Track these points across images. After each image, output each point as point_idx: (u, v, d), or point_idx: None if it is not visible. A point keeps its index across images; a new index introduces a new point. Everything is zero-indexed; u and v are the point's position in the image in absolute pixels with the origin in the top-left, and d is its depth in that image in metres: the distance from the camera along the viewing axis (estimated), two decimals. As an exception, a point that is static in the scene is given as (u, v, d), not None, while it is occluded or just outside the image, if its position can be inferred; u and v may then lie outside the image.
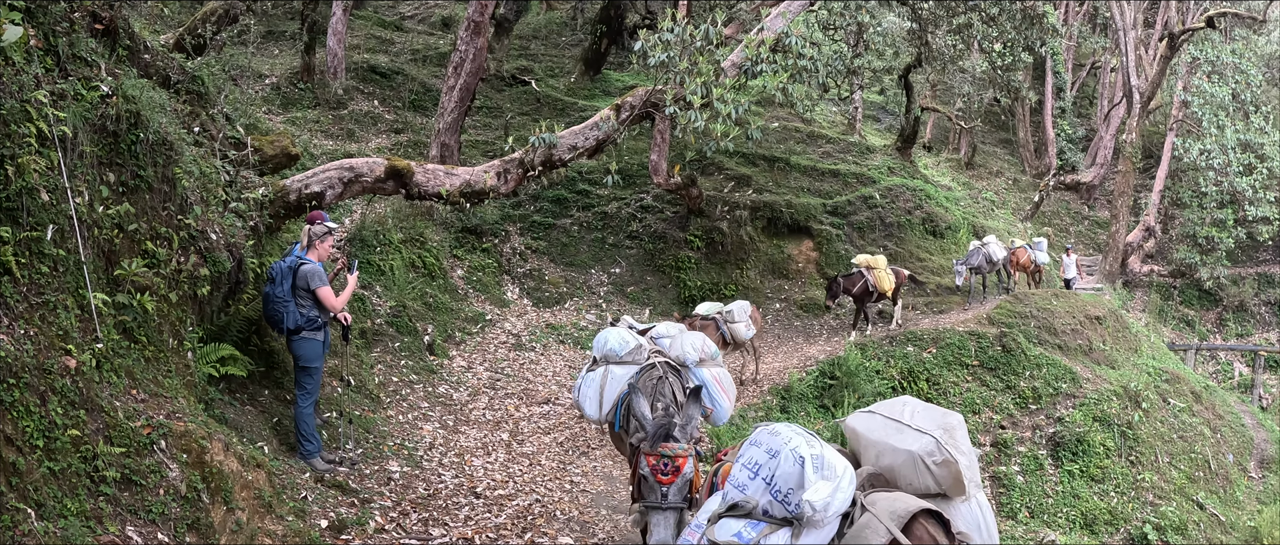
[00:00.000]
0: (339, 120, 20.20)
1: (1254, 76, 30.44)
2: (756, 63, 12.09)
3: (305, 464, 8.00)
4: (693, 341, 7.25)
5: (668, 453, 5.52)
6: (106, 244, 5.71)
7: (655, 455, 5.54)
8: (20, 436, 4.33)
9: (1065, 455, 14.23)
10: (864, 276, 16.64)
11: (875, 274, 16.67)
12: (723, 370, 7.45)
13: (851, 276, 16.82)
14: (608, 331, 7.34)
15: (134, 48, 7.25)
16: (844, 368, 13.98)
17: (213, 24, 13.13)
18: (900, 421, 4.27)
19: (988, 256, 19.15)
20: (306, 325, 8.01)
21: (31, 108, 4.99)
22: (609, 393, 6.99)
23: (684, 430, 5.72)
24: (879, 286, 16.62)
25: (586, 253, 19.10)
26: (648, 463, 5.55)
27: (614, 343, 7.18)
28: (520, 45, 29.79)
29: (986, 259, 19.14)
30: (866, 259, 16.95)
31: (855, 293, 16.75)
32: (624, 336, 7.23)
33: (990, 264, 19.29)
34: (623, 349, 7.13)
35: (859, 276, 16.71)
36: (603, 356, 7.21)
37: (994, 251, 19.32)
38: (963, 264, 18.99)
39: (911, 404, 4.47)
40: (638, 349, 7.18)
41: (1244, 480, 16.75)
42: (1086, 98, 43.79)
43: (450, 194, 11.25)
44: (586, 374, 7.29)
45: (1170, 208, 33.03)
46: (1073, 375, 15.69)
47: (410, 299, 13.54)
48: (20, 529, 4.11)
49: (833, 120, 31.17)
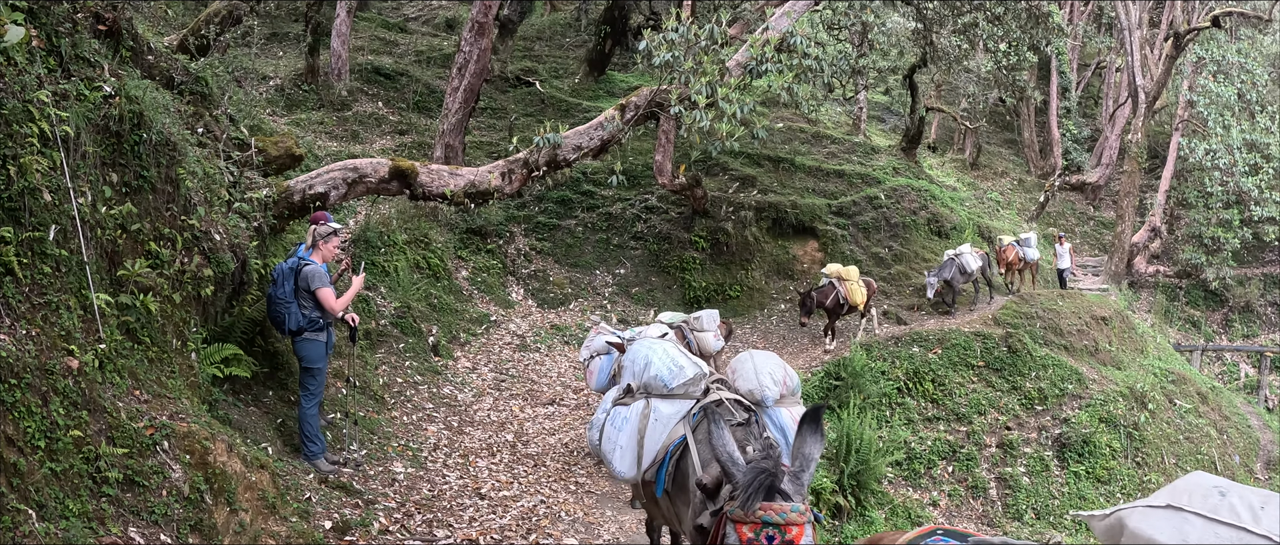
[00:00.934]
0: (343, 121, 20.21)
1: (1260, 76, 30.36)
2: (761, 62, 12.04)
3: (309, 465, 7.99)
4: (770, 370, 5.26)
5: (774, 518, 3.58)
6: (109, 244, 5.69)
7: (754, 522, 3.61)
8: (22, 437, 4.32)
9: (1071, 456, 14.18)
10: (836, 288, 16.19)
11: (847, 285, 16.15)
12: None
13: (824, 289, 16.36)
14: (650, 350, 5.50)
15: (137, 48, 7.24)
16: (849, 368, 13.94)
17: (216, 25, 13.13)
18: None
19: (961, 267, 18.25)
20: (308, 327, 8.00)
21: (34, 108, 4.98)
22: (653, 440, 5.13)
23: (798, 482, 3.76)
24: (851, 298, 16.12)
25: (591, 253, 19.07)
26: (740, 537, 3.63)
27: (660, 366, 5.31)
28: (524, 46, 29.80)
29: (960, 270, 18.24)
30: (837, 269, 16.46)
31: (828, 305, 16.29)
32: (673, 358, 5.39)
33: (964, 275, 18.37)
34: (674, 377, 5.24)
35: (831, 288, 16.26)
36: (642, 386, 5.36)
37: (969, 262, 18.36)
38: (935, 275, 18.07)
39: None
40: (696, 379, 5.27)
41: (1250, 482, 16.68)
42: (1092, 98, 43.69)
43: (454, 195, 11.23)
44: (615, 409, 5.49)
45: (1176, 208, 32.93)
46: (1079, 376, 15.64)
47: (415, 300, 13.53)
48: (21, 530, 4.09)
49: (838, 120, 31.15)
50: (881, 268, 20.36)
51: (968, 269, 18.30)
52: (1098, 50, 42.05)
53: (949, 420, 14.19)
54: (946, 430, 14.01)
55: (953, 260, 18.25)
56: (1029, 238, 20.90)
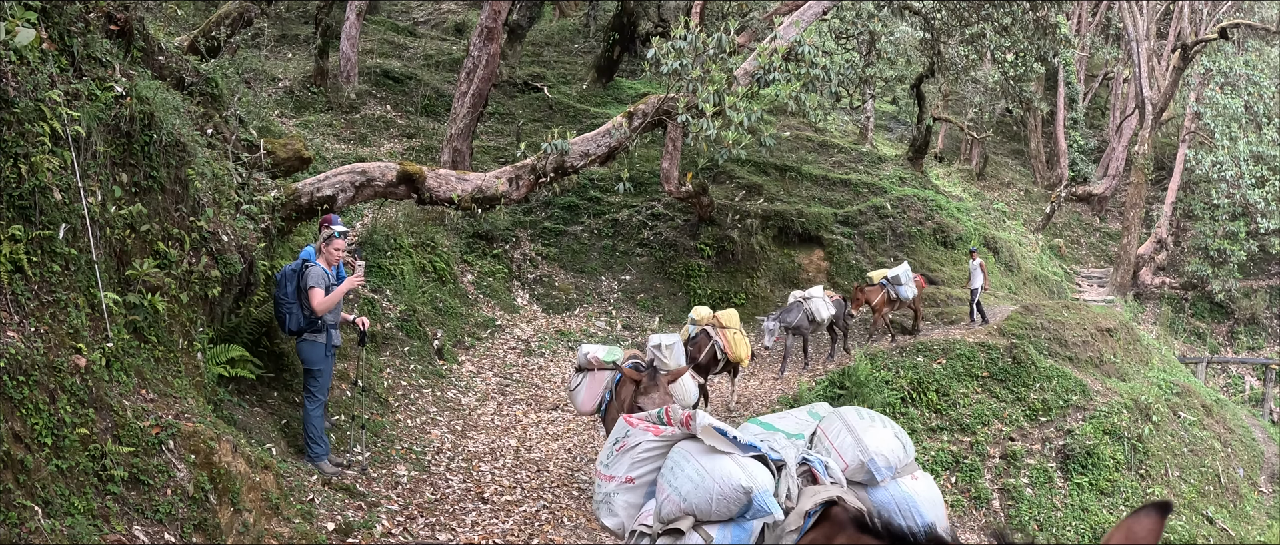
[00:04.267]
0: (351, 124, 20.26)
1: (1266, 88, 30.31)
2: (769, 71, 12.08)
3: (313, 466, 8.01)
4: (884, 445, 4.46)
5: None
6: (118, 244, 5.72)
7: None
8: (29, 434, 4.34)
9: (1075, 468, 14.16)
10: (711, 339, 12.69)
11: (726, 335, 12.84)
12: (929, 483, 4.68)
13: (696, 340, 12.70)
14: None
15: (148, 49, 7.28)
16: (853, 378, 13.93)
17: (227, 27, 13.19)
18: None
19: (810, 313, 15.50)
20: (308, 328, 8.01)
21: (46, 107, 5.01)
22: None
23: None
24: (731, 352, 12.69)
25: (597, 260, 19.09)
26: None
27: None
28: (533, 52, 29.84)
29: (808, 317, 15.42)
30: (706, 314, 13.22)
31: (702, 361, 12.47)
32: None
33: (812, 323, 15.62)
34: None
35: (705, 339, 12.70)
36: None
37: (818, 308, 15.55)
38: (775, 319, 15.19)
39: None
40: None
41: (1254, 495, 16.63)
42: (1099, 109, 43.65)
43: (462, 199, 11.26)
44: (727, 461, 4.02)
45: (1182, 220, 32.88)
46: (1083, 388, 15.62)
47: (420, 304, 13.56)
48: (27, 526, 4.11)
49: (845, 129, 31.15)
50: (887, 277, 20.35)
51: (817, 317, 15.59)
52: (1105, 61, 42.03)
53: (952, 431, 14.17)
54: (950, 441, 13.99)
55: (799, 304, 15.60)
56: (900, 274, 17.05)
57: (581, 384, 9.32)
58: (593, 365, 9.25)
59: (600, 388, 9.10)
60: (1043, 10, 20.29)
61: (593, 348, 9.56)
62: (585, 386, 9.27)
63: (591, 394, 9.19)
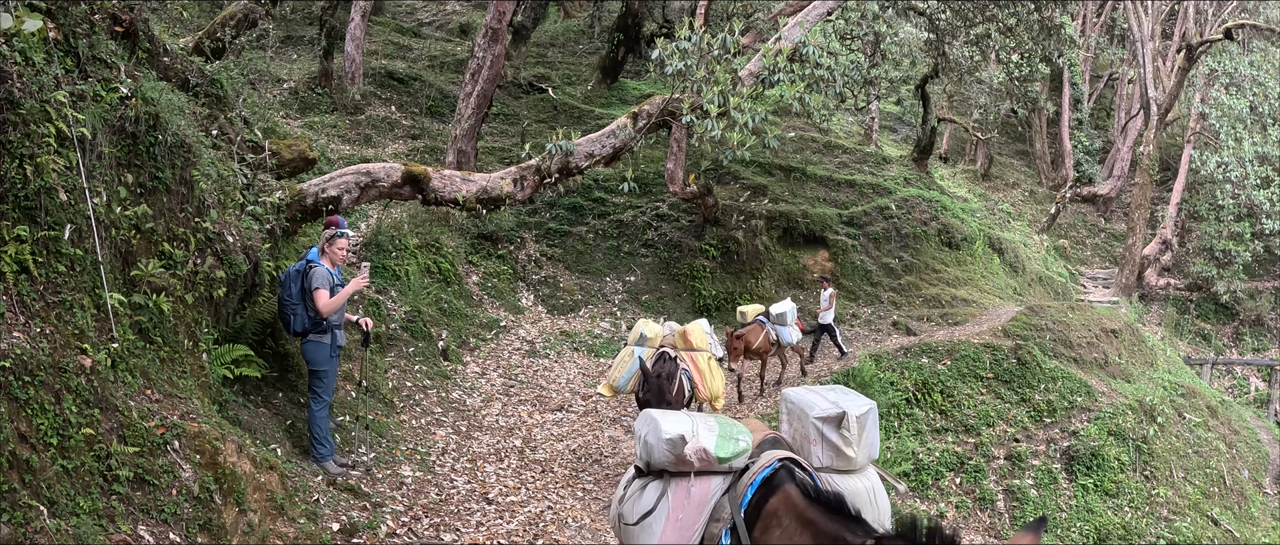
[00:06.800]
0: (356, 125, 20.28)
1: (1272, 89, 30.22)
2: (773, 72, 12.07)
3: (318, 467, 8.01)
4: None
5: None
6: (123, 244, 5.74)
7: None
8: (34, 434, 4.35)
9: (1079, 469, 14.13)
10: (677, 365, 9.91)
11: (695, 360, 10.34)
12: None
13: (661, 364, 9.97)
14: None
15: (154, 50, 7.30)
16: (858, 379, 13.92)
17: (232, 28, 13.21)
18: None
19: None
20: (313, 328, 8.02)
21: (51, 108, 5.03)
22: None
23: None
24: (700, 385, 10.31)
25: (601, 260, 19.09)
26: None
27: None
28: (537, 53, 29.86)
29: None
30: (657, 331, 10.70)
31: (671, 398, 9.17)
32: None
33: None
34: None
35: (668, 364, 9.79)
36: None
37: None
38: None
39: None
40: None
41: (1259, 496, 16.60)
42: (1104, 109, 43.58)
43: (466, 200, 11.27)
44: None
45: (1187, 221, 32.80)
46: (1088, 389, 15.59)
47: (425, 304, 13.56)
48: (33, 526, 4.12)
49: (849, 130, 31.14)
50: (892, 278, 20.33)
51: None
52: (1110, 62, 41.95)
53: (957, 432, 14.15)
54: (954, 442, 13.98)
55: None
56: (785, 313, 14.32)
57: None
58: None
59: None
60: (1048, 11, 20.27)
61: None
62: None
63: None
